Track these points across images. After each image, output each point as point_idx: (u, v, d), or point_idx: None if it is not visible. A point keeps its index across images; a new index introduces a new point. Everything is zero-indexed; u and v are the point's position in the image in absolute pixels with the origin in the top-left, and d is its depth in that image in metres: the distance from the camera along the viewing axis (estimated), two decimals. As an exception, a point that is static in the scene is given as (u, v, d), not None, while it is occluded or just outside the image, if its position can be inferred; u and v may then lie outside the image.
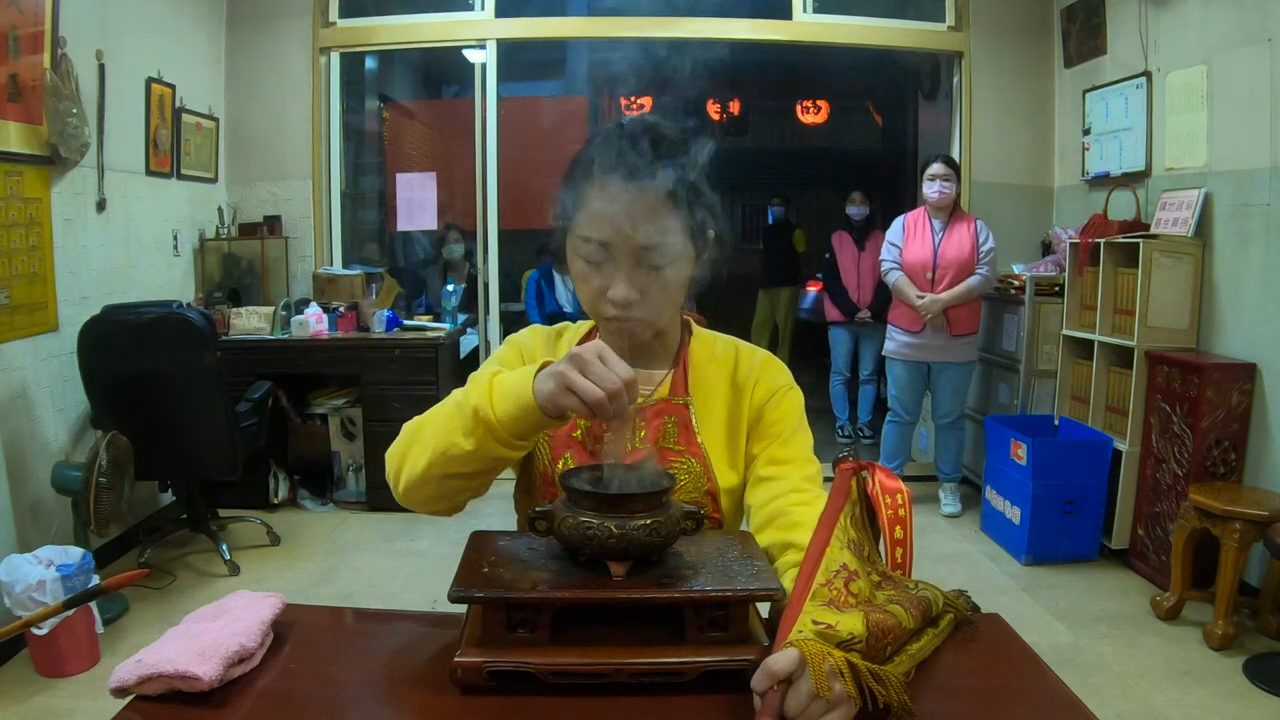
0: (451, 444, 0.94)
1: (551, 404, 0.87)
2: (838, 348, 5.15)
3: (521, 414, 0.90)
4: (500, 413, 0.91)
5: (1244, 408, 3.06)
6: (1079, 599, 3.17)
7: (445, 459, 0.95)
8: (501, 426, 0.91)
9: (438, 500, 1.02)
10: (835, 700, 0.74)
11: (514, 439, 0.92)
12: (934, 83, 5.72)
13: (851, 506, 0.92)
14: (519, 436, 0.92)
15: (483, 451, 0.93)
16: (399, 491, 1.02)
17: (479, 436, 0.92)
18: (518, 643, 0.84)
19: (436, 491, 1.00)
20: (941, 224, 3.98)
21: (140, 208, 3.70)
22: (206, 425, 3.19)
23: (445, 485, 0.98)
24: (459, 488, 0.99)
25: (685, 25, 4.47)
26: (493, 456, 0.93)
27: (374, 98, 5.78)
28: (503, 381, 0.92)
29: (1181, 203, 3.42)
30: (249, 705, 0.83)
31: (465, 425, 0.93)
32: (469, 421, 0.92)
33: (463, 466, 0.95)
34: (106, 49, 3.36)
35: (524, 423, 0.90)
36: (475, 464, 0.95)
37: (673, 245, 1.02)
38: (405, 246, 5.68)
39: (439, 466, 0.96)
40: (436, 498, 1.01)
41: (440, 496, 1.01)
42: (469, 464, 0.95)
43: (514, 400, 0.90)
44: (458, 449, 0.93)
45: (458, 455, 0.94)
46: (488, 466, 0.96)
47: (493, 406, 0.91)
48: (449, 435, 0.94)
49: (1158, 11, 3.62)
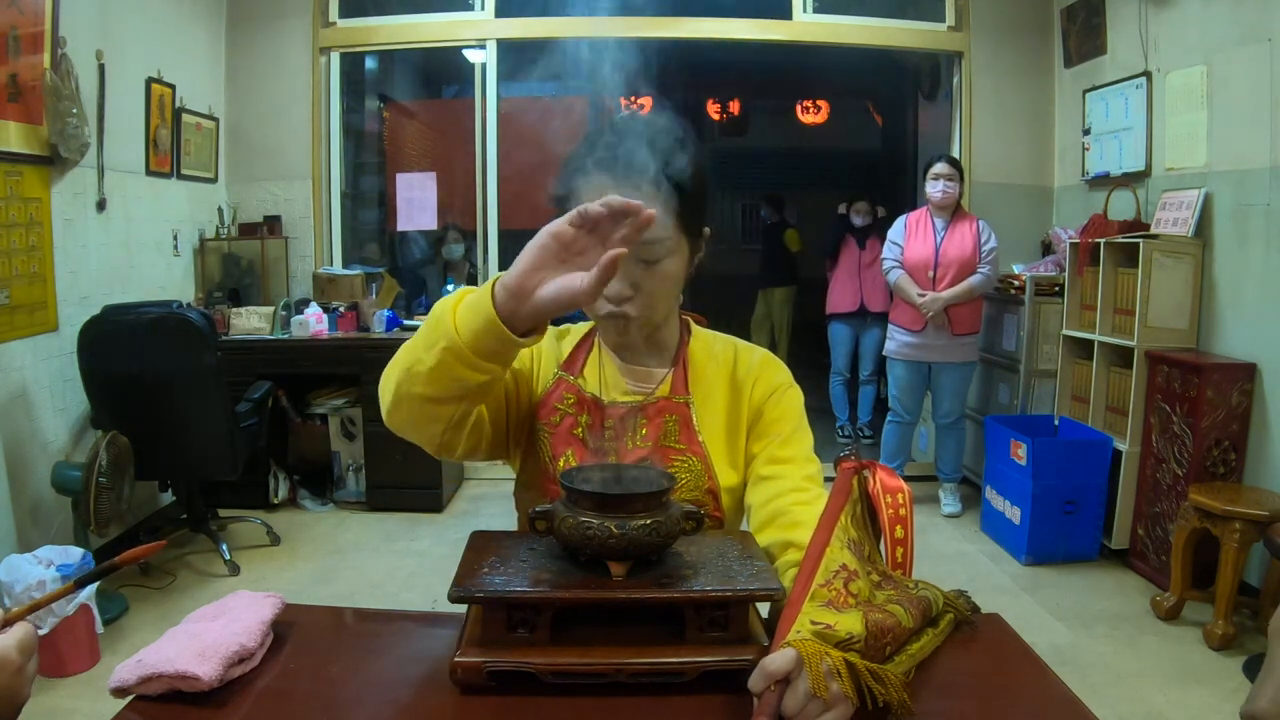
0: (416, 359, 0.89)
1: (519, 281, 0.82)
2: (838, 346, 5.15)
3: (483, 327, 0.84)
4: (461, 324, 0.85)
5: (1244, 408, 3.05)
6: (1079, 599, 3.17)
7: (410, 375, 0.90)
8: (462, 340, 0.85)
9: (414, 426, 0.96)
10: (832, 700, 0.74)
11: (475, 357, 0.85)
12: (934, 83, 5.72)
13: (853, 506, 0.93)
14: (480, 354, 0.85)
15: (445, 369, 0.87)
16: (383, 413, 0.97)
17: (439, 351, 0.86)
18: (518, 643, 0.84)
19: (409, 415, 0.94)
20: (944, 223, 3.98)
21: (140, 208, 3.70)
22: (206, 425, 3.19)
23: (415, 408, 0.93)
24: (429, 414, 0.93)
25: (685, 25, 4.47)
26: (453, 377, 0.88)
27: (374, 98, 5.77)
28: (470, 296, 0.87)
29: (1181, 203, 3.42)
30: (249, 705, 0.83)
31: (429, 338, 0.88)
32: (432, 334, 0.88)
33: (427, 386, 0.89)
34: (106, 49, 3.36)
35: (485, 337, 0.84)
36: (439, 385, 0.89)
37: (668, 241, 1.03)
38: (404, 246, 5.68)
39: (405, 384, 0.91)
40: (411, 422, 0.96)
41: (413, 422, 0.96)
42: (433, 384, 0.89)
43: (476, 311, 0.84)
44: (421, 364, 0.88)
45: (421, 372, 0.89)
46: (453, 391, 0.90)
47: (455, 318, 0.86)
48: (414, 350, 0.90)
49: (1158, 11, 3.62)
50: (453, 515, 4.10)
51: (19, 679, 0.70)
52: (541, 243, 0.83)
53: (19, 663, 0.70)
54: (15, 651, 0.70)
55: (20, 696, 0.71)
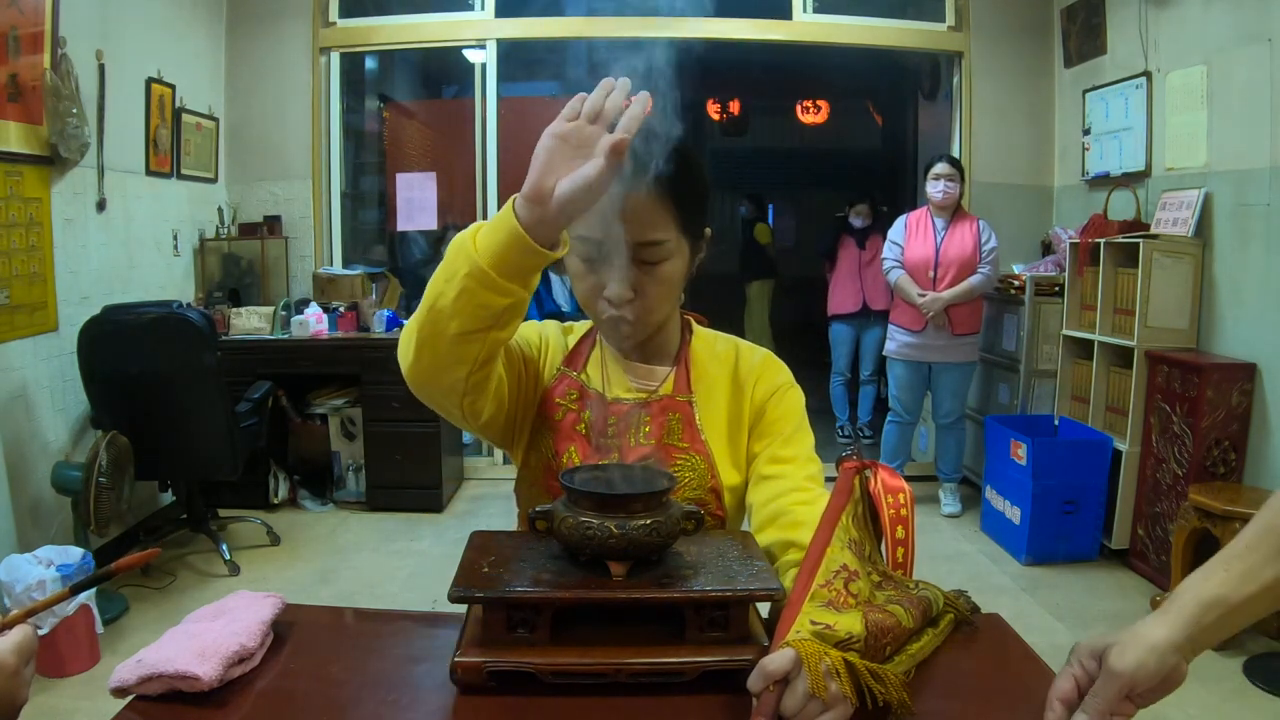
0: (438, 294, 0.87)
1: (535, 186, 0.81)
2: (839, 347, 5.15)
3: (506, 241, 0.82)
4: (482, 247, 0.84)
5: (1244, 408, 3.05)
6: (1079, 599, 3.17)
7: (432, 314, 0.88)
8: (484, 262, 0.83)
9: (438, 372, 0.93)
10: (832, 700, 0.74)
11: (499, 277, 0.84)
12: (934, 83, 5.72)
13: (854, 506, 0.92)
14: (504, 273, 0.84)
15: (469, 297, 0.85)
16: (405, 369, 0.94)
17: (461, 278, 0.84)
18: (518, 643, 0.84)
19: (431, 360, 0.91)
20: (944, 223, 3.98)
21: (140, 208, 3.70)
22: (206, 425, 3.19)
23: (438, 350, 0.90)
24: (454, 355, 0.90)
25: (685, 25, 4.47)
26: (478, 304, 0.85)
27: (374, 98, 5.77)
28: (489, 221, 0.86)
29: (1181, 203, 3.42)
30: (249, 705, 0.83)
31: (449, 268, 0.86)
32: (452, 264, 0.86)
33: (451, 320, 0.87)
34: (106, 49, 3.36)
35: (510, 251, 0.83)
36: (463, 317, 0.86)
37: (668, 243, 1.03)
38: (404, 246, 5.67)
39: (427, 325, 0.89)
40: (434, 369, 0.92)
41: (436, 368, 0.92)
42: (457, 316, 0.86)
43: (497, 230, 0.83)
44: (444, 298, 0.86)
45: (444, 307, 0.86)
46: (477, 321, 0.87)
47: (475, 243, 0.84)
48: (434, 286, 0.88)
49: (1158, 11, 3.62)
50: (453, 515, 4.10)
51: (15, 682, 0.70)
52: (547, 145, 0.83)
53: (15, 666, 0.70)
54: (12, 655, 0.70)
55: (18, 700, 0.71)
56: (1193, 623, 0.72)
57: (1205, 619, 0.73)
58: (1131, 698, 0.71)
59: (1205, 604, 0.73)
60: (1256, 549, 0.75)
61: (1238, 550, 0.76)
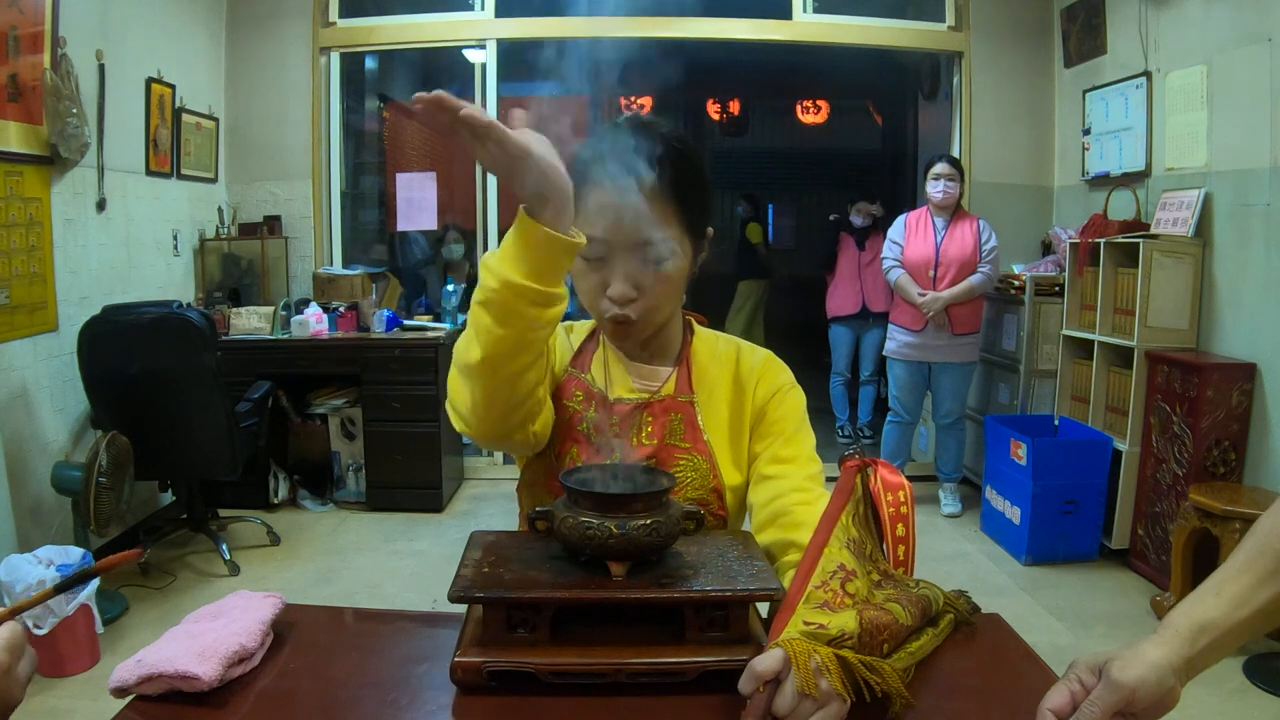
0: (492, 344, 0.89)
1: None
2: (839, 348, 5.15)
3: (525, 243, 0.86)
4: (507, 267, 0.86)
5: (1244, 408, 3.05)
6: (1079, 599, 3.17)
7: (490, 364, 0.90)
8: (517, 274, 0.86)
9: (508, 415, 0.95)
10: (824, 698, 0.74)
11: (533, 282, 0.86)
12: (934, 83, 5.72)
13: (855, 505, 0.92)
14: (536, 275, 0.86)
15: (511, 316, 0.87)
16: (473, 431, 0.97)
17: (490, 293, 0.87)
18: (518, 643, 0.84)
19: (503, 411, 0.94)
20: (944, 223, 3.98)
21: (140, 208, 3.70)
22: (206, 425, 3.19)
23: (507, 395, 0.93)
24: (519, 392, 0.93)
25: (685, 25, 4.47)
26: (519, 315, 0.87)
27: (374, 98, 5.77)
28: (500, 250, 0.89)
29: (1181, 203, 3.42)
30: (249, 705, 0.83)
31: (481, 295, 0.88)
32: (485, 293, 0.88)
33: (512, 362, 0.90)
34: (106, 49, 3.36)
35: (533, 250, 0.86)
36: (509, 338, 0.89)
37: (670, 242, 1.03)
38: (404, 246, 5.67)
39: (488, 377, 0.91)
40: (505, 414, 0.95)
41: (509, 411, 0.95)
42: (505, 343, 0.89)
43: (509, 242, 0.87)
44: (502, 345, 0.89)
45: (503, 352, 0.89)
46: (524, 336, 0.90)
47: (496, 263, 0.87)
48: (480, 341, 0.90)
49: (1158, 11, 3.62)
50: (453, 515, 4.10)
51: (7, 679, 0.69)
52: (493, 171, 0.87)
53: (7, 663, 0.69)
54: (3, 653, 0.69)
55: (12, 699, 0.70)
56: (1188, 646, 0.73)
57: (1200, 642, 0.73)
58: (1126, 713, 0.71)
59: (1199, 628, 0.74)
60: (1248, 571, 0.75)
61: (1230, 573, 0.76)
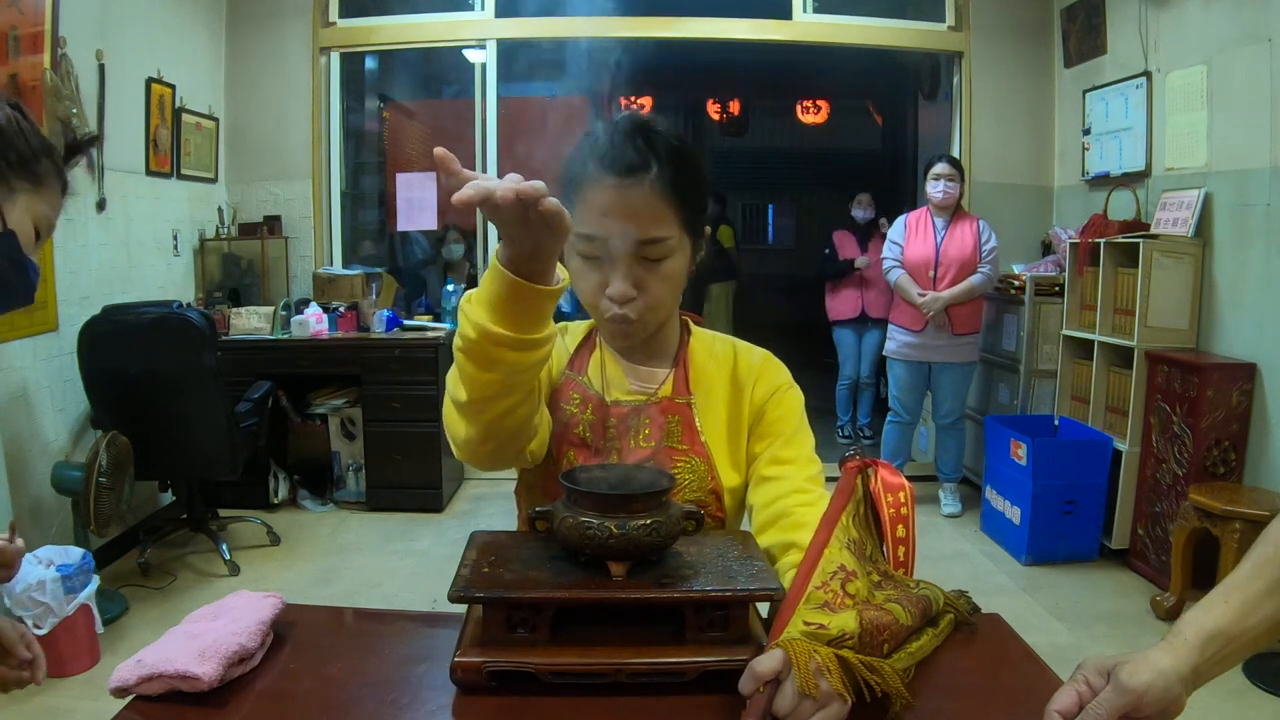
0: (465, 374, 0.88)
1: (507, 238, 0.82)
2: (845, 350, 5.14)
3: (502, 293, 0.82)
4: (478, 305, 0.84)
5: (1244, 408, 3.05)
6: (1079, 599, 3.17)
7: (481, 408, 0.90)
8: (485, 319, 0.83)
9: (502, 447, 0.96)
10: (824, 698, 0.74)
11: (511, 331, 0.83)
12: (934, 83, 5.72)
13: (855, 505, 0.92)
14: (513, 324, 0.83)
15: (493, 363, 0.85)
16: (472, 462, 0.98)
17: (478, 350, 0.85)
18: (518, 643, 0.84)
19: (496, 446, 0.95)
20: (944, 223, 3.98)
21: (140, 208, 3.70)
22: (206, 425, 3.19)
23: (488, 422, 0.91)
24: (496, 415, 0.91)
25: (685, 25, 4.47)
26: (500, 361, 0.85)
27: (374, 98, 5.77)
28: (474, 302, 0.87)
29: (1181, 203, 3.42)
30: (249, 705, 0.83)
31: (462, 343, 0.86)
32: (464, 341, 0.86)
33: (486, 390, 0.88)
34: (106, 49, 3.36)
35: (511, 300, 0.82)
36: (495, 381, 0.87)
37: (669, 241, 1.03)
38: (404, 246, 5.67)
39: (483, 420, 0.91)
40: (499, 448, 0.96)
41: (501, 446, 0.95)
42: (490, 387, 0.88)
43: (487, 287, 0.84)
44: (475, 379, 0.87)
45: (490, 396, 0.88)
46: (509, 380, 0.88)
47: (475, 312, 0.84)
48: (457, 367, 0.89)
49: (1158, 11, 3.62)
50: (453, 515, 4.10)
51: None
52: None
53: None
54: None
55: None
56: (1196, 655, 0.73)
57: (1208, 651, 0.73)
58: (1132, 718, 0.71)
59: (1207, 637, 0.74)
60: (1256, 580, 0.75)
61: (1237, 581, 0.76)
